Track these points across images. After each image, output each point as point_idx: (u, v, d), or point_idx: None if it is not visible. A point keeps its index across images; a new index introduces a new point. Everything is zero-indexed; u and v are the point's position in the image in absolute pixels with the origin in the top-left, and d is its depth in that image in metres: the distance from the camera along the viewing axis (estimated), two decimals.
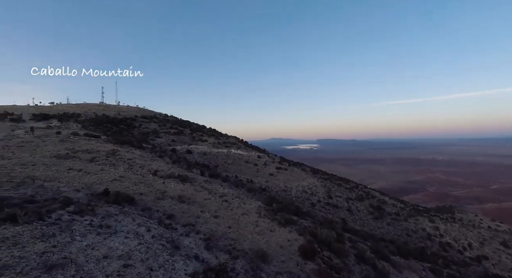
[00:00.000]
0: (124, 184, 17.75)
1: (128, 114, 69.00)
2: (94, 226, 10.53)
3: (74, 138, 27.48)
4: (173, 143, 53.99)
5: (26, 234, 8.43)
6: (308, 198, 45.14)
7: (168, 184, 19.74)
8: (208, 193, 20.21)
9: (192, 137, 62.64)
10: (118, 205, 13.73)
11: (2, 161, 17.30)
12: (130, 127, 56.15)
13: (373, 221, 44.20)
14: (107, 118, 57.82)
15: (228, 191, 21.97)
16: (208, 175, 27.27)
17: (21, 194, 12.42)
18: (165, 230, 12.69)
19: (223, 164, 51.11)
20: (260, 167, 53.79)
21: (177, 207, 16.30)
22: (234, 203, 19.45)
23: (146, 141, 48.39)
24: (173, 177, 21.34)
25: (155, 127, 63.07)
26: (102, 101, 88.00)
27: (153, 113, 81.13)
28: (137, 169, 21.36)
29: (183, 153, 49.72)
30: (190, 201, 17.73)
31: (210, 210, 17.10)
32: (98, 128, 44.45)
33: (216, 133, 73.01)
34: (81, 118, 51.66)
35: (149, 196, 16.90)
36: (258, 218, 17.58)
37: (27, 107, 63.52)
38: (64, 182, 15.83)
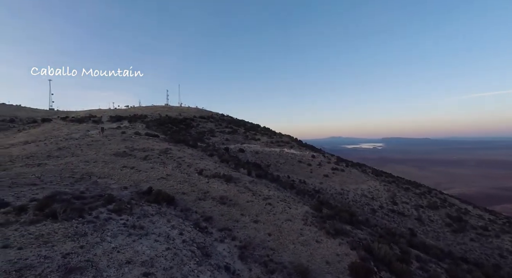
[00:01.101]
0: (169, 182, 18.09)
1: (188, 114, 73.74)
2: (128, 226, 10.51)
3: (135, 137, 30.03)
4: (226, 142, 55.30)
5: (60, 231, 8.66)
6: (367, 203, 40.73)
7: (211, 184, 19.50)
8: (252, 194, 19.28)
9: (245, 136, 63.34)
10: (157, 204, 13.80)
11: (71, 158, 19.56)
12: (189, 127, 59.76)
13: (451, 235, 37.28)
14: (169, 119, 62.87)
15: (273, 193, 20.69)
16: (255, 175, 26.50)
17: (74, 190, 13.40)
18: (199, 234, 12.12)
19: (275, 163, 50.06)
20: (314, 167, 51.04)
21: (217, 209, 15.74)
22: (278, 207, 18.06)
23: (202, 140, 50.54)
24: (218, 177, 21.08)
25: (211, 126, 65.82)
26: (167, 103, 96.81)
27: (210, 113, 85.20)
28: (184, 167, 21.82)
29: (236, 152, 50.34)
30: (231, 203, 17.03)
31: (251, 214, 16.08)
32: (160, 128, 48.31)
33: (270, 132, 72.47)
34: (147, 119, 57.33)
35: (191, 195, 16.80)
36: (304, 226, 15.83)
37: (108, 111, 73.65)
38: (115, 179, 16.84)
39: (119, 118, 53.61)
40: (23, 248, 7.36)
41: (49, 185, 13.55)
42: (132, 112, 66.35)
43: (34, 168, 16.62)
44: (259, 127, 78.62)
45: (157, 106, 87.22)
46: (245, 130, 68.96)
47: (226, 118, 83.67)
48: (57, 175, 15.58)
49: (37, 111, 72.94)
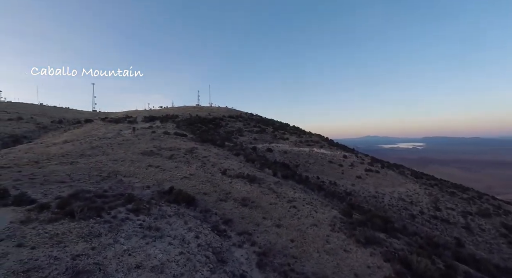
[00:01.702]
0: (192, 182, 17.94)
1: (218, 114, 74.77)
2: (144, 227, 10.32)
3: (163, 137, 30.81)
4: (254, 141, 54.88)
5: (75, 231, 8.64)
6: (406, 208, 37.50)
7: (234, 184, 19.00)
8: (276, 196, 18.41)
9: (273, 136, 62.41)
10: (177, 204, 13.59)
11: (101, 157, 20.40)
12: (217, 127, 60.45)
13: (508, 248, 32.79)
14: (199, 118, 64.23)
15: (299, 196, 19.61)
16: (281, 176, 25.57)
17: (99, 188, 13.70)
18: (217, 237, 11.60)
19: (304, 163, 48.49)
20: (345, 168, 48.50)
21: (238, 211, 15.15)
22: (304, 211, 16.97)
23: (230, 139, 50.68)
24: (242, 177, 20.55)
25: (240, 126, 65.94)
26: (197, 104, 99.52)
27: (239, 113, 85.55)
28: (208, 167, 21.64)
29: (264, 151, 49.68)
30: (254, 205, 16.34)
31: (274, 217, 15.24)
32: (189, 128, 49.38)
33: (299, 131, 70.67)
34: (178, 119, 59.15)
35: (212, 196, 16.43)
36: (331, 232, 14.62)
37: (143, 111, 77.64)
38: (140, 178, 17.08)
39: (152, 119, 55.94)
40: (36, 248, 7.37)
41: (76, 183, 14.07)
42: (165, 113, 68.96)
43: (66, 166, 17.56)
44: (288, 127, 77.14)
45: (188, 106, 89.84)
46: (273, 129, 68.03)
47: (254, 117, 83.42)
48: (86, 173, 16.23)
49: (82, 113, 79.28)
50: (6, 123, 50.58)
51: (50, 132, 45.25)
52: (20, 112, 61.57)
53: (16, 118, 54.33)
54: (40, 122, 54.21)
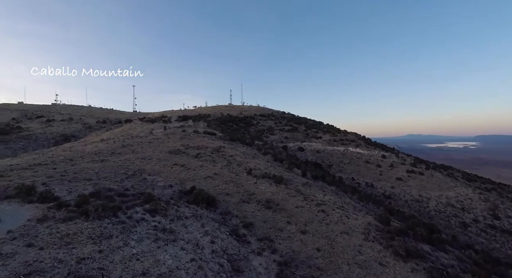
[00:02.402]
0: (215, 182, 17.45)
1: (249, 113, 74.63)
2: (158, 229, 9.91)
3: (192, 135, 31.09)
4: (285, 140, 53.48)
5: (86, 232, 8.45)
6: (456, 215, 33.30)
7: (259, 185, 18.13)
8: (303, 199, 17.14)
9: (306, 134, 60.34)
10: (196, 205, 13.10)
11: (131, 155, 20.95)
12: (248, 125, 60.18)
13: None
14: (230, 117, 64.64)
15: (329, 199, 18.09)
16: (310, 176, 24.08)
17: (121, 186, 13.76)
18: (234, 243, 10.82)
19: (338, 163, 45.92)
20: (384, 169, 44.87)
21: (260, 214, 14.24)
22: (334, 216, 15.49)
23: (260, 138, 49.97)
24: (268, 177, 19.59)
25: (271, 124, 64.93)
26: (230, 103, 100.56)
27: (271, 111, 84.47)
28: (234, 166, 21.07)
29: (295, 150, 48.11)
30: (278, 208, 15.30)
31: (299, 222, 14.05)
32: (220, 127, 49.73)
33: (333, 130, 67.49)
34: (210, 118, 60.12)
35: (234, 197, 15.74)
36: (364, 242, 13.03)
37: (178, 111, 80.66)
38: (164, 176, 17.03)
39: (185, 118, 57.56)
40: (44, 248, 7.23)
41: (102, 181, 14.37)
42: (198, 112, 70.69)
43: (97, 163, 18.26)
44: (321, 125, 74.22)
45: (221, 106, 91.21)
46: (306, 128, 65.84)
47: (286, 116, 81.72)
48: (113, 171, 16.64)
49: (124, 113, 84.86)
50: (59, 123, 55.81)
51: (94, 132, 48.76)
52: (71, 114, 67.66)
53: (68, 119, 59.73)
54: (87, 122, 58.92)
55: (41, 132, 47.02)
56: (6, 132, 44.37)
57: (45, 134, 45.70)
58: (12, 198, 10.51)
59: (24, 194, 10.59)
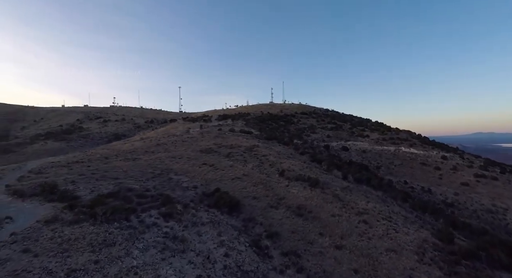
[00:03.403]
0: (243, 183, 16.26)
1: (290, 111, 72.35)
2: (168, 236, 9.01)
3: (227, 134, 30.55)
4: (328, 139, 50.17)
5: (88, 238, 7.89)
6: None
7: (291, 188, 16.41)
8: (341, 206, 14.94)
9: (351, 133, 55.96)
10: (217, 209, 12.03)
11: (162, 153, 21.00)
12: (288, 124, 58.13)
13: None
14: (270, 116, 63.35)
15: (373, 206, 15.52)
16: (353, 179, 21.40)
17: (143, 186, 13.40)
18: (253, 256, 9.41)
19: (387, 164, 41.27)
20: (445, 172, 38.84)
21: (289, 222, 12.58)
22: (378, 228, 13.06)
23: (300, 136, 47.69)
24: (302, 180, 17.74)
25: (313, 122, 61.84)
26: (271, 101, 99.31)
27: (313, 109, 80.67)
28: (266, 167, 19.65)
29: (338, 150, 44.71)
30: (311, 216, 13.44)
31: (334, 234, 12.04)
32: (259, 125, 48.73)
33: (382, 128, 61.47)
34: (249, 117, 59.64)
35: (262, 201, 14.32)
36: (418, 264, 10.54)
37: (219, 111, 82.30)
38: (190, 176, 16.42)
39: (225, 117, 58.00)
40: (38, 256, 6.76)
41: (127, 180, 14.27)
42: (238, 111, 70.89)
43: (128, 162, 18.59)
44: (368, 122, 68.42)
45: (262, 104, 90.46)
46: (351, 126, 61.23)
47: (330, 113, 77.34)
48: (141, 169, 16.63)
49: (170, 114, 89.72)
50: (114, 123, 61.05)
51: (141, 131, 51.96)
52: (125, 115, 73.68)
53: (121, 120, 65.08)
54: (137, 122, 63.40)
55: (97, 131, 51.86)
56: (70, 132, 49.95)
57: (100, 134, 50.24)
58: (36, 196, 10.71)
59: (47, 192, 10.71)
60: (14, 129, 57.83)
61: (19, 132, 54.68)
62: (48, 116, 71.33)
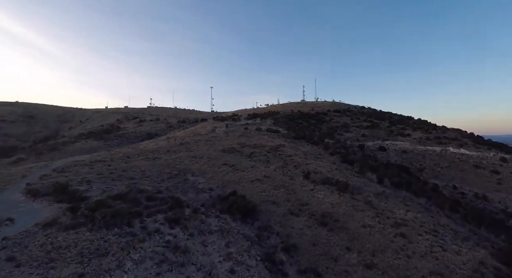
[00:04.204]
0: (263, 186, 15.03)
1: (322, 109, 69.20)
2: (169, 246, 8.13)
3: (253, 133, 29.52)
4: (363, 138, 46.65)
5: (80, 246, 7.28)
6: None
7: (316, 192, 14.78)
8: (375, 215, 12.97)
9: (389, 132, 51.49)
10: (230, 215, 10.95)
11: (184, 153, 20.60)
12: (320, 122, 55.42)
13: None
14: (300, 114, 61.12)
15: (414, 217, 13.27)
16: (389, 183, 18.92)
17: (156, 188, 12.83)
18: (264, 273, 8.14)
19: (432, 166, 36.96)
20: (505, 176, 33.54)
21: (310, 233, 11.07)
22: (420, 244, 10.98)
23: (332, 135, 45.00)
24: (329, 183, 15.98)
25: (346, 121, 58.27)
26: (302, 99, 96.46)
27: (347, 106, 76.43)
28: (290, 168, 18.17)
29: (374, 150, 41.30)
30: (337, 226, 11.76)
31: (364, 250, 10.28)
32: (288, 124, 47.06)
33: (426, 126, 55.68)
34: (278, 115, 58.15)
35: (281, 206, 12.96)
36: None
37: (249, 110, 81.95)
38: (207, 177, 15.62)
39: (254, 116, 57.18)
40: (21, 266, 6.29)
41: (142, 180, 13.88)
42: (268, 110, 69.68)
43: (148, 161, 18.43)
44: (410, 120, 62.72)
45: (293, 103, 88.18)
46: (389, 124, 56.52)
47: (366, 111, 72.50)
48: (159, 169, 16.26)
49: (202, 113, 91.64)
50: (148, 123, 63.72)
51: (173, 131, 53.30)
52: (159, 115, 76.71)
53: (155, 120, 67.74)
54: (170, 122, 65.46)
55: (133, 131, 54.41)
56: (109, 132, 53.09)
57: (135, 133, 52.59)
58: (48, 196, 10.61)
59: (58, 192, 10.56)
60: (63, 129, 63.26)
61: (66, 132, 59.63)
62: (93, 117, 77.00)
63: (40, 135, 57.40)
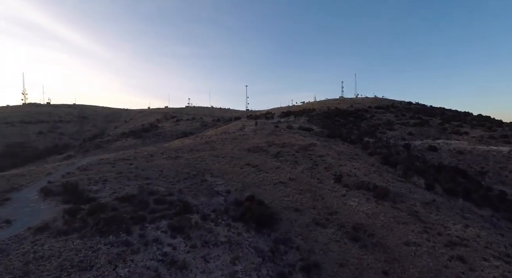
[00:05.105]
0: (287, 190, 13.42)
1: (362, 105, 64.47)
2: (165, 260, 7.06)
3: (283, 131, 27.85)
4: (409, 137, 41.82)
5: (63, 256, 6.54)
6: None
7: (348, 199, 12.74)
8: (422, 230, 10.59)
9: (442, 129, 45.55)
10: (244, 224, 9.61)
11: (207, 152, 19.81)
12: (359, 119, 51.33)
13: None
14: (337, 111, 57.41)
15: (475, 234, 10.55)
16: (442, 190, 15.82)
17: (169, 189, 12.06)
18: None
19: (497, 170, 31.41)
20: None
21: (338, 249, 9.23)
22: (487, 273, 8.54)
23: (372, 134, 41.16)
24: (365, 188, 13.77)
25: (390, 117, 53.15)
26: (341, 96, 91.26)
27: (390, 102, 70.00)
28: (320, 170, 16.22)
29: (423, 150, 36.70)
30: (372, 241, 9.73)
31: (407, 275, 8.18)
32: (323, 122, 44.30)
33: (489, 123, 48.19)
34: (313, 113, 55.31)
35: (305, 214, 11.25)
36: None
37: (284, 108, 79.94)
38: (227, 179, 14.50)
39: (288, 114, 55.20)
40: None
41: (157, 181, 13.25)
42: (303, 108, 67.02)
43: (169, 160, 17.95)
44: (468, 116, 55.24)
45: (330, 99, 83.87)
46: (442, 120, 50.22)
47: (413, 107, 65.73)
48: (178, 169, 15.59)
49: (237, 112, 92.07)
50: (184, 122, 65.54)
51: (207, 129, 53.86)
52: (196, 114, 78.69)
53: (191, 119, 69.47)
54: (205, 121, 66.52)
55: (169, 130, 56.26)
56: (147, 131, 55.66)
57: (171, 132, 54.26)
58: (58, 195, 10.38)
59: (68, 192, 10.28)
60: (109, 129, 68.18)
61: (111, 131, 64.08)
62: (136, 117, 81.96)
63: (89, 134, 62.53)
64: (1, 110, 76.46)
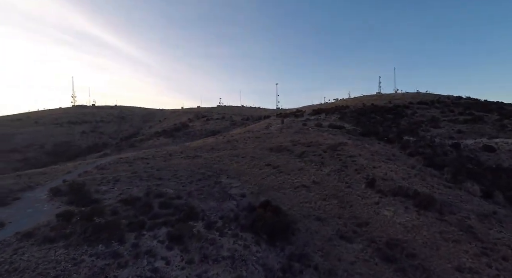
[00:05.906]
0: (309, 195, 11.84)
1: (402, 101, 59.11)
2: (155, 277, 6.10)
3: (311, 129, 25.92)
4: (458, 135, 36.95)
5: (40, 269, 5.86)
6: None
7: (382, 208, 10.79)
8: (480, 250, 8.39)
9: (499, 126, 39.65)
10: (254, 234, 8.34)
11: (227, 151, 18.85)
12: (399, 116, 46.87)
13: None
14: (373, 108, 53.15)
15: None
16: (503, 198, 12.89)
17: (178, 192, 11.21)
18: None
19: None
20: None
21: (367, 272, 7.54)
22: None
23: (414, 132, 37.19)
24: (403, 195, 11.64)
25: (435, 114, 47.77)
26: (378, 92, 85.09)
27: (436, 96, 63.17)
28: (349, 172, 14.30)
29: (475, 151, 32.10)
30: (412, 264, 7.85)
31: None
32: (356, 119, 41.18)
33: None
34: (346, 110, 51.77)
35: (329, 224, 9.63)
36: None
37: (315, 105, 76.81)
38: (243, 181, 13.32)
39: (319, 112, 52.56)
40: None
41: (169, 182, 12.53)
42: (336, 105, 63.54)
43: (187, 160, 17.28)
44: None
45: (366, 96, 78.65)
46: (500, 116, 43.96)
47: (463, 102, 58.77)
48: (194, 169, 14.79)
49: (267, 111, 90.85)
50: (214, 121, 66.07)
51: (235, 128, 53.48)
52: (225, 113, 79.11)
53: (221, 118, 69.85)
54: (234, 120, 66.38)
55: (199, 129, 56.98)
56: (179, 130, 56.97)
57: (201, 131, 54.85)
58: (65, 196, 10.07)
59: (74, 192, 9.92)
60: (144, 128, 71.41)
61: (146, 130, 66.97)
62: (170, 116, 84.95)
63: (126, 133, 66.01)
64: (53, 112, 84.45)
